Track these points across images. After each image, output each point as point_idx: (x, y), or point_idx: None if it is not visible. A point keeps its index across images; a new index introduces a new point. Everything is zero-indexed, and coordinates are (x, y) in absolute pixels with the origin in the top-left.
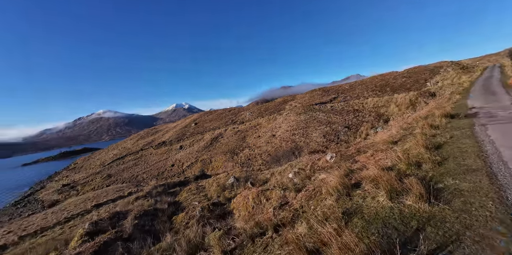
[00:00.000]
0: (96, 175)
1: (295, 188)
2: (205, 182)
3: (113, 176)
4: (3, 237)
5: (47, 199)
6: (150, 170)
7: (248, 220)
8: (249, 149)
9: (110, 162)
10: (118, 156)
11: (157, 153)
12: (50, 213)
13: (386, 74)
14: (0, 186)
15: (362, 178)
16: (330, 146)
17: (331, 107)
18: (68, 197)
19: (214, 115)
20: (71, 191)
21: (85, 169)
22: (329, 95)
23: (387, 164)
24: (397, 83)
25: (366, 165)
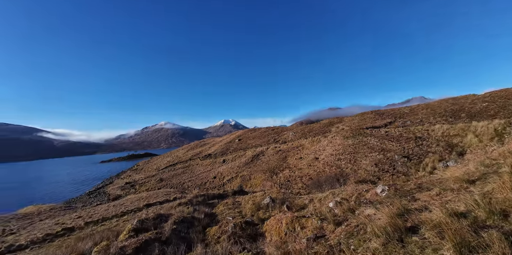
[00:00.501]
0: (151, 178)
1: (335, 220)
2: (241, 198)
3: (164, 180)
4: (74, 221)
5: (112, 193)
6: (195, 179)
7: (279, 247)
8: (289, 170)
9: (164, 167)
10: (170, 163)
11: (202, 164)
12: (112, 205)
13: (460, 98)
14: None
15: (421, 221)
16: (382, 177)
17: (386, 133)
18: (128, 194)
19: (258, 133)
20: (131, 189)
21: (144, 171)
22: (383, 119)
23: (459, 209)
24: (475, 108)
25: (429, 206)
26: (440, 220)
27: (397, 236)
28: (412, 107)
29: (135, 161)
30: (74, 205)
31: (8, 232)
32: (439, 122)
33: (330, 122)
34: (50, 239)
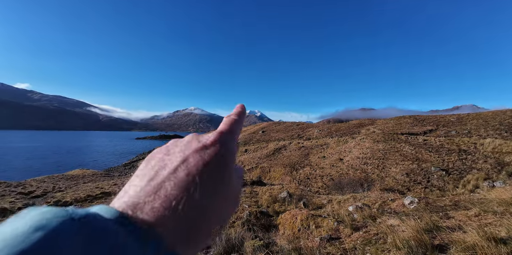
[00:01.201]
0: None
1: (353, 224)
2: (259, 189)
3: None
4: (111, 187)
5: None
6: None
7: (291, 241)
8: (310, 167)
9: None
10: None
11: None
12: None
13: None
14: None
15: (451, 241)
16: (413, 188)
17: (424, 141)
18: None
19: (282, 126)
20: None
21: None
22: (423, 125)
23: (499, 234)
24: None
25: (464, 226)
26: (475, 242)
27: (421, 252)
28: (460, 116)
29: (165, 141)
30: (112, 173)
31: (57, 189)
32: (490, 136)
33: (360, 124)
34: (90, 200)
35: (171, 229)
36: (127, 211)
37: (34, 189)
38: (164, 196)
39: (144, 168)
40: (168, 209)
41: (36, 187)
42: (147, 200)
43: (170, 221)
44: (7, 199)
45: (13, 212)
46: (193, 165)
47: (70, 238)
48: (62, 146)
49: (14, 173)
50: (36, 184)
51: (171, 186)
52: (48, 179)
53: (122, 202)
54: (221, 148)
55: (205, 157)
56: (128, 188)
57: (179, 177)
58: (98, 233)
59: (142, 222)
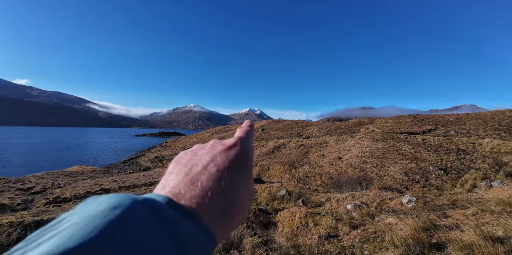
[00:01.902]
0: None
1: (351, 222)
2: (258, 187)
3: None
4: (110, 184)
5: (143, 164)
6: None
7: (290, 239)
8: (309, 166)
9: (189, 147)
10: (195, 144)
11: None
12: (142, 175)
13: None
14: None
15: (449, 240)
16: (411, 187)
17: (423, 141)
18: (156, 167)
19: (282, 124)
20: (159, 162)
21: (172, 148)
22: (422, 125)
23: (496, 233)
24: None
25: (461, 225)
26: (472, 241)
27: (419, 250)
28: (459, 116)
29: (164, 138)
30: (111, 170)
31: (56, 186)
32: (489, 136)
33: (359, 122)
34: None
35: (208, 213)
36: (172, 198)
37: (33, 185)
38: (200, 186)
39: (176, 166)
40: (205, 197)
41: (35, 183)
42: (187, 190)
43: (207, 206)
44: (6, 195)
45: (12, 208)
46: (221, 162)
47: (142, 213)
48: (61, 142)
49: (13, 169)
50: (35, 180)
51: (205, 179)
52: (47, 175)
53: (166, 192)
54: (241, 148)
55: (230, 155)
56: (166, 182)
57: (211, 172)
58: (160, 211)
59: (185, 206)
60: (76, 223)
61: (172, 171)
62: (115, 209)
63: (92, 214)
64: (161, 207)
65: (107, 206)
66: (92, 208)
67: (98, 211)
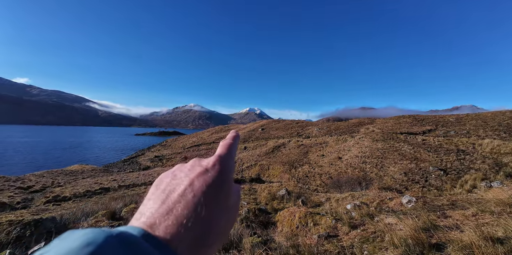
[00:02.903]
0: (177, 155)
1: (351, 222)
2: (258, 186)
3: (188, 159)
4: (110, 183)
5: (143, 164)
6: None
7: (289, 238)
8: (309, 165)
9: (189, 146)
10: (195, 143)
11: None
12: (141, 174)
13: None
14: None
15: (448, 240)
16: (411, 188)
17: (423, 141)
18: (156, 166)
19: (281, 124)
20: (159, 162)
21: (171, 148)
22: (422, 125)
23: (496, 233)
24: None
25: (461, 226)
26: (472, 241)
27: (418, 251)
28: (459, 116)
29: (164, 137)
30: (111, 169)
31: (56, 184)
32: (489, 136)
33: (359, 122)
34: (89, 195)
35: (182, 244)
36: (147, 230)
37: (33, 183)
38: (175, 216)
39: (155, 192)
40: (180, 226)
41: (35, 181)
42: (162, 220)
43: (182, 236)
44: (6, 194)
45: (11, 206)
46: (198, 187)
47: (115, 250)
48: (61, 141)
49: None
50: (35, 179)
51: (181, 207)
52: (47, 174)
53: (141, 223)
54: (220, 170)
55: (208, 179)
56: (143, 210)
57: (187, 199)
58: (132, 246)
59: (160, 238)
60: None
61: (150, 197)
62: (88, 246)
63: (65, 252)
64: (135, 241)
65: (80, 243)
66: (66, 245)
67: (71, 248)
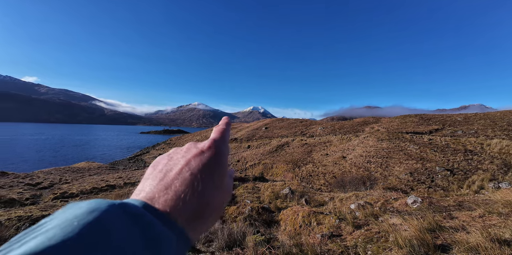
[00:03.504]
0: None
1: (354, 222)
2: (261, 185)
3: None
4: (115, 180)
5: (148, 161)
6: None
7: (292, 237)
8: (313, 164)
9: None
10: None
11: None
12: None
13: None
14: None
15: (454, 241)
16: (416, 188)
17: (430, 141)
18: None
19: (285, 123)
20: None
21: (176, 146)
22: (429, 125)
23: (503, 235)
24: None
25: (467, 227)
26: (478, 243)
27: (423, 251)
28: (467, 116)
29: (169, 135)
30: (117, 167)
31: (64, 181)
32: (498, 136)
33: (364, 122)
34: (96, 192)
35: (181, 215)
36: (147, 202)
37: (42, 180)
38: (174, 191)
39: (152, 172)
40: (178, 200)
41: (43, 178)
42: (161, 194)
43: (180, 209)
44: (16, 190)
45: (21, 203)
46: (195, 166)
47: (118, 216)
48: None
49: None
50: (44, 176)
51: (179, 183)
52: (55, 171)
53: (142, 197)
54: (215, 151)
55: (204, 159)
56: (142, 187)
57: (184, 176)
58: (135, 214)
59: (159, 210)
60: (56, 226)
61: (148, 176)
62: (92, 212)
63: (71, 217)
64: (137, 210)
65: (85, 210)
66: (71, 212)
67: (76, 214)
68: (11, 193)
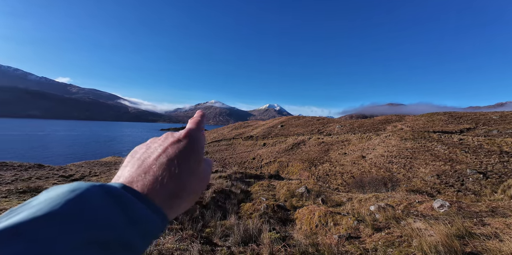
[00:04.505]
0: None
1: (374, 224)
2: (277, 183)
3: (209, 153)
4: None
5: None
6: (235, 157)
7: (309, 237)
8: (330, 164)
9: (210, 142)
10: (216, 139)
11: (244, 144)
12: None
13: None
14: None
15: (485, 249)
16: (444, 191)
17: (460, 141)
18: None
19: (302, 121)
20: None
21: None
22: (459, 123)
23: None
24: None
25: (500, 235)
26: None
27: None
28: (503, 114)
29: None
30: None
31: (93, 174)
32: None
33: (386, 120)
34: None
35: (159, 196)
36: (126, 184)
37: (74, 172)
38: (152, 175)
39: (131, 160)
40: (155, 182)
41: (75, 171)
42: (139, 179)
43: (158, 190)
44: (51, 181)
45: None
46: (172, 153)
47: (99, 194)
48: (98, 135)
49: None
50: (75, 168)
51: (157, 168)
52: (85, 164)
53: (121, 181)
54: (190, 139)
55: (180, 146)
56: (120, 174)
57: (162, 161)
58: (115, 193)
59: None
60: (41, 202)
61: (127, 164)
62: (74, 191)
63: (55, 195)
64: (116, 190)
65: (68, 189)
66: (55, 191)
67: (59, 192)
68: (47, 183)
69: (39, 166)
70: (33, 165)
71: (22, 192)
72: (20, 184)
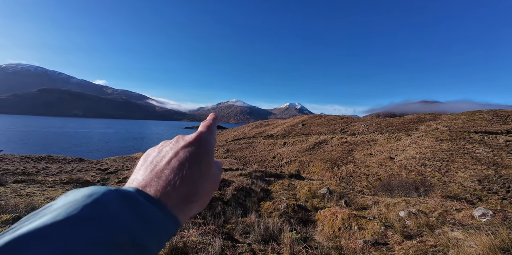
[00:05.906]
0: (220, 147)
1: (404, 231)
2: (297, 182)
3: (230, 152)
4: None
5: None
6: (256, 156)
7: (331, 239)
8: (354, 164)
9: (231, 140)
10: (236, 137)
11: (264, 143)
12: None
13: None
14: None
15: None
16: (486, 199)
17: (506, 142)
18: None
19: (323, 120)
20: None
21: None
22: (506, 123)
23: None
24: None
25: None
26: None
27: None
28: None
29: None
30: None
31: (125, 168)
32: None
33: (419, 119)
34: None
35: (171, 200)
36: (140, 188)
37: (109, 166)
38: (164, 179)
39: (143, 164)
40: (168, 187)
41: (110, 165)
42: (153, 183)
43: (170, 195)
44: (90, 173)
45: (93, 184)
46: (183, 157)
47: (115, 198)
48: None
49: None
50: (110, 163)
51: (169, 172)
52: (118, 159)
53: (135, 185)
54: (201, 143)
55: (191, 150)
56: (134, 178)
57: (173, 166)
58: (129, 198)
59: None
60: (60, 207)
61: (140, 167)
62: (91, 196)
63: (73, 200)
64: (131, 195)
65: (85, 194)
66: (73, 196)
67: (76, 197)
68: (86, 175)
69: (80, 160)
70: (75, 159)
71: (65, 183)
72: (64, 176)
